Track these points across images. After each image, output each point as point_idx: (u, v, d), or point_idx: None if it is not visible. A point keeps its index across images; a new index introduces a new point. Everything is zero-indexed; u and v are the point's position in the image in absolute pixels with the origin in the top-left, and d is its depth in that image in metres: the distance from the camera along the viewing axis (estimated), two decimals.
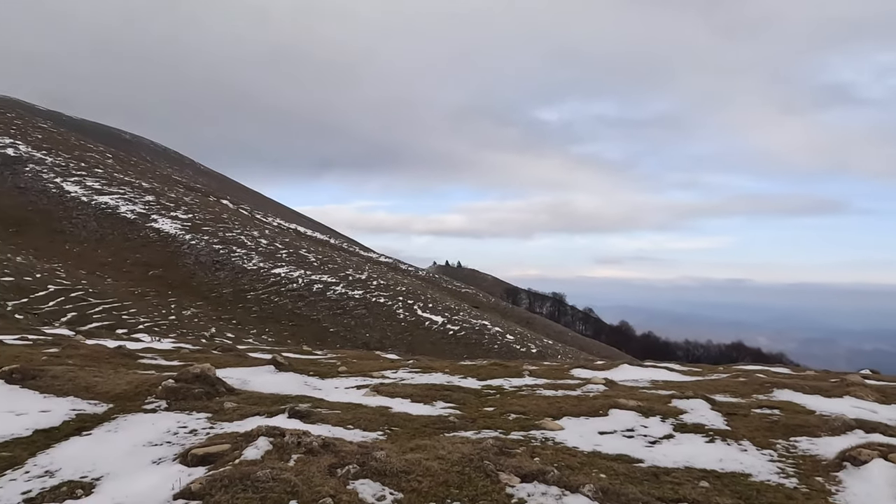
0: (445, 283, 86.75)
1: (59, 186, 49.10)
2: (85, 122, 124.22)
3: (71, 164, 54.59)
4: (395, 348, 37.60)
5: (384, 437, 4.91)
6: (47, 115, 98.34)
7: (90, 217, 46.58)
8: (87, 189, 50.33)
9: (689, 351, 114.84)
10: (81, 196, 48.88)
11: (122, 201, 50.47)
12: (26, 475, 3.78)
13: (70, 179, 51.00)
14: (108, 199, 49.88)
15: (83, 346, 8.62)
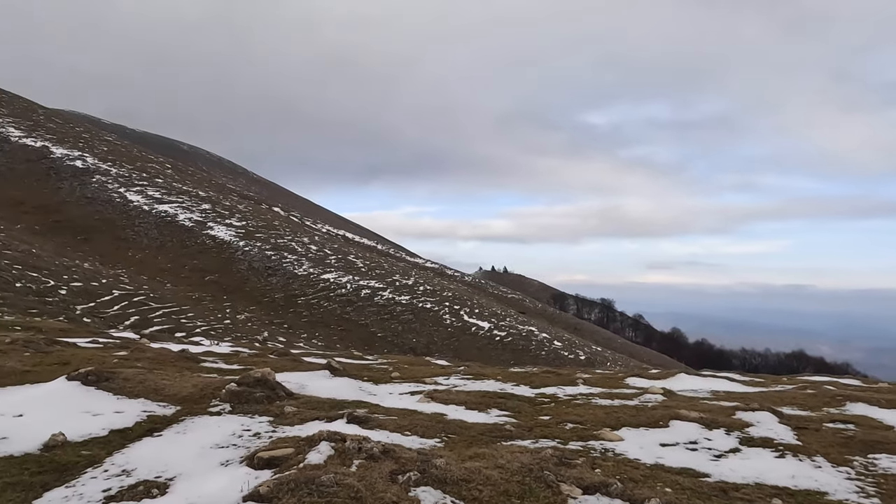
0: (492, 289, 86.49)
1: (122, 196, 51.56)
2: (146, 135, 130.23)
3: (133, 174, 57.24)
4: (441, 353, 37.69)
5: (441, 445, 4.91)
6: (112, 129, 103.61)
7: (151, 225, 48.69)
8: (148, 198, 52.65)
9: (745, 360, 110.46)
10: (143, 205, 51.17)
11: (181, 210, 52.54)
12: (105, 473, 3.96)
13: (133, 189, 53.47)
14: (167, 207, 52.03)
15: (149, 350, 9.00)
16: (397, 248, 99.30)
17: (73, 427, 4.70)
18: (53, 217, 45.91)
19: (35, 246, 36.15)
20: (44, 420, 4.84)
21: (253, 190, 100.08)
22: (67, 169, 53.19)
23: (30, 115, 64.20)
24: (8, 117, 59.72)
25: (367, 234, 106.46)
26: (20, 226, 41.85)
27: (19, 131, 57.08)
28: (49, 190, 49.46)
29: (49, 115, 68.31)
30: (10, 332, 9.55)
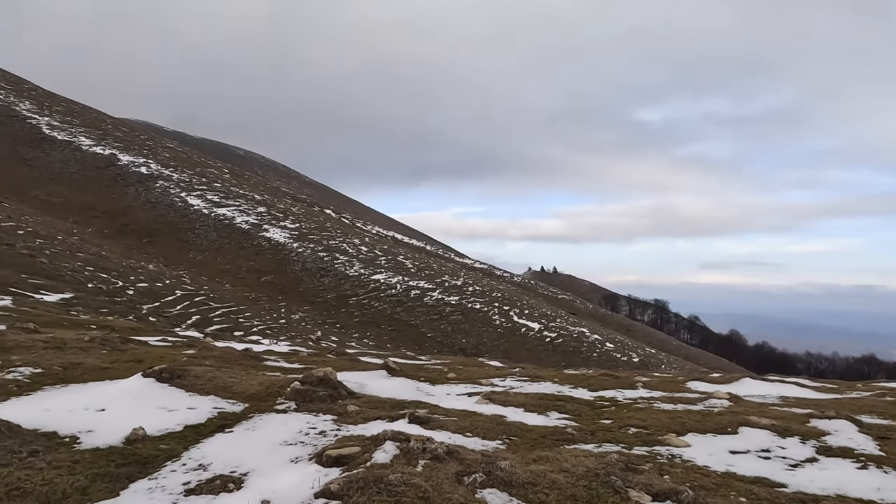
0: (541, 289, 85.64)
1: (183, 200, 53.78)
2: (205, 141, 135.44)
3: (194, 179, 59.62)
4: (491, 354, 37.59)
5: (504, 447, 4.90)
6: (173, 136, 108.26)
7: (210, 228, 50.59)
8: (207, 202, 54.73)
9: (810, 364, 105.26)
10: (203, 209, 53.22)
11: (238, 213, 54.37)
12: (184, 467, 4.14)
13: (193, 194, 55.70)
14: (225, 211, 53.95)
15: (215, 349, 9.35)
16: (446, 249, 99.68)
17: (151, 422, 4.93)
18: (121, 221, 48.33)
19: (105, 248, 38.14)
20: (124, 415, 5.10)
21: (306, 193, 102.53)
22: (133, 175, 55.89)
23: (99, 124, 67.81)
24: (80, 127, 63.25)
25: (416, 235, 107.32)
26: (91, 229, 44.24)
27: (90, 140, 60.36)
28: (117, 195, 52.11)
29: (116, 124, 71.97)
30: (88, 330, 10.11)
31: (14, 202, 42.17)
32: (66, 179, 52.30)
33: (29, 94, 68.92)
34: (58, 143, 57.38)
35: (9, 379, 6.05)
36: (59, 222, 41.50)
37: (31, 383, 6.05)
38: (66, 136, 59.34)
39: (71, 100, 74.81)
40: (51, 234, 34.21)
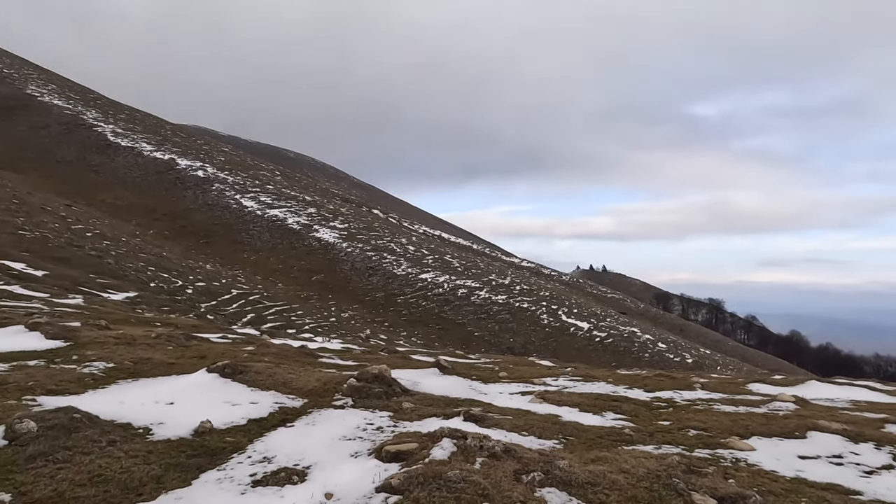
0: (590, 288, 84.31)
1: (238, 202, 55.57)
2: (258, 144, 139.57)
3: (247, 182, 61.52)
4: (539, 354, 37.26)
5: (560, 447, 4.86)
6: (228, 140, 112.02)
7: (263, 229, 52.10)
8: (260, 204, 56.37)
9: (879, 367, 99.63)
10: (256, 210, 54.86)
11: (289, 214, 55.78)
12: (249, 459, 4.29)
13: (247, 196, 57.48)
14: (277, 212, 55.44)
15: (272, 346, 9.64)
16: (493, 248, 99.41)
17: (217, 415, 5.13)
18: (180, 223, 50.36)
19: (165, 249, 39.83)
20: (191, 408, 5.32)
21: (354, 193, 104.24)
22: (191, 178, 58.14)
23: (159, 130, 70.84)
24: (141, 133, 66.25)
25: (463, 234, 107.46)
26: (152, 231, 46.28)
27: (150, 146, 63.14)
28: (176, 198, 54.33)
29: (175, 130, 75.03)
30: (153, 327, 10.60)
31: (82, 206, 44.56)
32: (129, 184, 54.89)
33: (95, 103, 72.67)
34: (121, 150, 60.27)
35: (86, 373, 6.41)
36: (123, 224, 43.60)
37: (105, 377, 6.39)
38: (129, 143, 62.25)
39: (133, 108, 78.46)
40: (116, 236, 35.98)
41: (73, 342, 7.91)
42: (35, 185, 44.95)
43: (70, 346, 7.70)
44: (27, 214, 30.67)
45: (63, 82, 77.45)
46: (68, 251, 26.53)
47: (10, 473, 3.72)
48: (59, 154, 56.50)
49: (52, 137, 58.90)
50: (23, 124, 59.70)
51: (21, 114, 61.53)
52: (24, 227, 27.00)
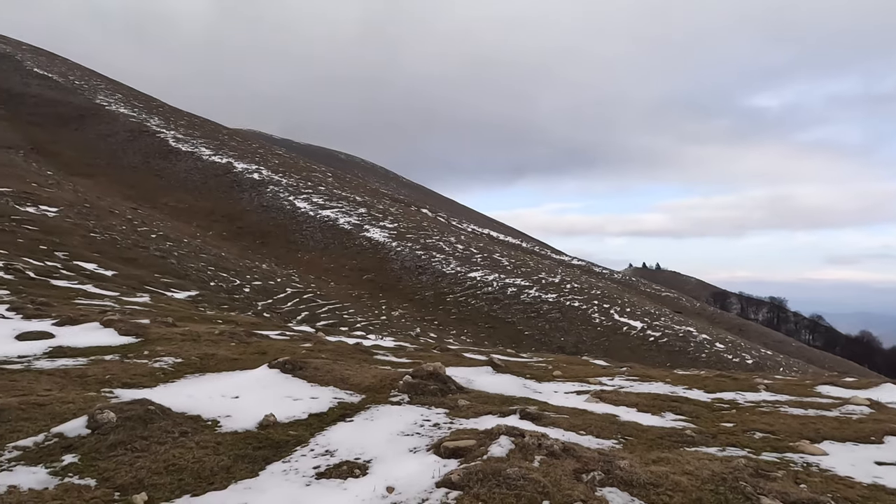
0: (643, 287, 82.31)
1: (291, 203, 57.07)
2: (309, 147, 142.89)
3: (300, 183, 63.08)
4: (591, 353, 36.68)
5: (620, 447, 4.79)
6: (281, 143, 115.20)
7: (316, 229, 53.33)
8: (312, 205, 57.71)
9: None
10: (309, 211, 56.20)
11: (341, 214, 56.88)
12: (312, 452, 4.42)
13: (300, 197, 58.95)
14: (329, 212, 56.63)
15: (329, 343, 9.87)
16: (542, 246, 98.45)
17: (280, 409, 5.30)
18: (237, 224, 52.14)
19: (223, 250, 41.32)
20: (255, 402, 5.52)
21: (403, 193, 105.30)
22: (247, 181, 60.09)
23: (216, 135, 73.53)
24: (200, 139, 68.93)
25: (512, 233, 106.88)
26: (211, 232, 48.09)
27: (209, 150, 65.61)
28: (233, 200, 56.27)
29: (231, 135, 77.70)
30: (216, 324, 11.03)
31: (147, 209, 46.76)
32: (189, 187, 57.22)
33: (157, 110, 76.09)
34: (182, 155, 62.88)
35: (156, 367, 6.75)
36: (184, 226, 45.50)
37: (174, 372, 6.70)
38: (189, 148, 64.89)
39: (192, 114, 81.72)
40: (178, 238, 37.58)
41: (143, 338, 8.33)
42: (104, 190, 47.49)
43: (141, 342, 8.11)
44: (97, 218, 32.42)
45: (128, 91, 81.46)
46: (135, 252, 27.89)
47: (94, 460, 3.96)
48: (125, 160, 59.48)
49: (118, 144, 62.05)
50: (92, 132, 63.14)
51: (91, 122, 65.10)
52: (94, 230, 28.56)
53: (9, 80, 68.80)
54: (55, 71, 77.40)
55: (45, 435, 4.23)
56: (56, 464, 3.88)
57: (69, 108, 66.13)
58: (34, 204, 28.92)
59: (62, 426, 4.34)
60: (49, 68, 77.61)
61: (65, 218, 28.39)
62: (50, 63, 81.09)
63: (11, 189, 30.25)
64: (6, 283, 14.47)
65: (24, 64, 75.33)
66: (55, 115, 63.58)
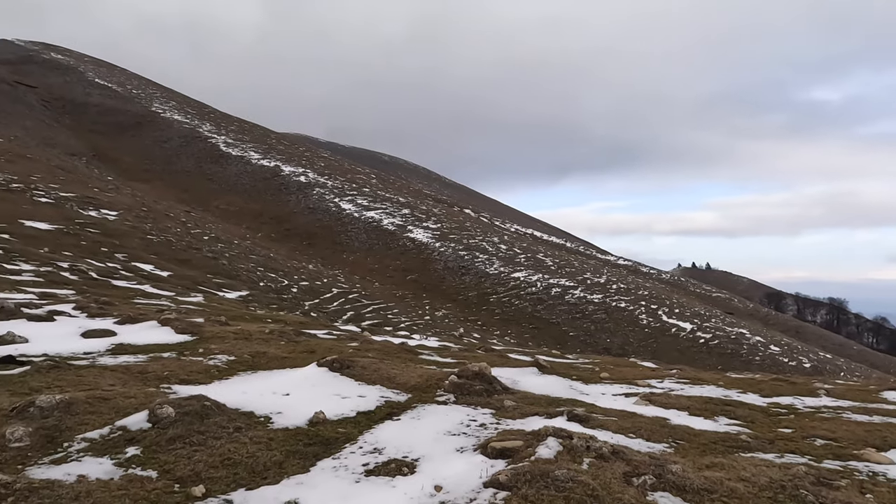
0: (693, 287, 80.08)
1: (337, 205, 58.08)
2: (354, 149, 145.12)
3: (345, 185, 64.12)
4: (638, 355, 35.92)
5: (671, 450, 4.68)
6: (327, 146, 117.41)
7: (360, 230, 54.10)
8: (357, 206, 58.57)
9: None
10: (353, 212, 57.07)
11: (384, 215, 57.52)
12: (361, 450, 4.49)
13: (345, 199, 59.92)
14: (373, 213, 57.36)
15: (375, 342, 10.00)
16: (587, 246, 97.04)
17: (329, 407, 5.40)
18: (285, 226, 53.42)
19: (272, 251, 42.39)
20: (305, 399, 5.64)
21: (445, 194, 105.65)
22: (294, 184, 61.49)
23: (265, 139, 75.53)
24: (249, 143, 70.96)
25: (556, 232, 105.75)
26: (260, 234, 49.43)
27: (258, 154, 67.46)
28: (281, 202, 57.70)
29: (279, 139, 79.68)
30: (266, 323, 11.32)
31: (200, 211, 48.43)
32: (239, 190, 58.98)
33: (209, 116, 78.75)
34: (232, 159, 64.88)
35: (211, 364, 6.99)
36: (234, 228, 46.91)
37: (227, 369, 6.92)
38: (239, 152, 66.88)
39: (242, 119, 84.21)
40: (229, 239, 38.78)
41: (198, 336, 8.63)
42: (160, 194, 49.45)
43: (196, 340, 8.41)
44: (154, 221, 33.80)
45: (182, 99, 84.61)
46: (189, 253, 28.93)
47: (155, 453, 4.13)
48: (179, 164, 61.80)
49: (173, 149, 64.53)
50: (148, 138, 65.87)
51: (147, 129, 67.92)
52: (151, 233, 29.78)
53: (73, 90, 72.52)
54: (114, 81, 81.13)
55: (110, 428, 4.44)
56: (120, 455, 4.07)
57: (127, 116, 69.19)
58: (96, 208, 30.38)
59: (125, 420, 4.55)
60: (109, 78, 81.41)
61: (124, 221, 29.71)
62: (109, 73, 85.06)
63: (75, 194, 31.86)
64: (71, 283, 15.26)
65: (87, 75, 79.27)
66: (114, 123, 66.64)
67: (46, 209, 26.63)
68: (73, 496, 3.43)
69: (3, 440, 4.09)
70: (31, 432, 4.22)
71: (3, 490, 3.31)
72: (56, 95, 69.00)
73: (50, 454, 4.04)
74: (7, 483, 3.37)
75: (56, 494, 3.41)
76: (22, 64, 76.18)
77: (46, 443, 4.18)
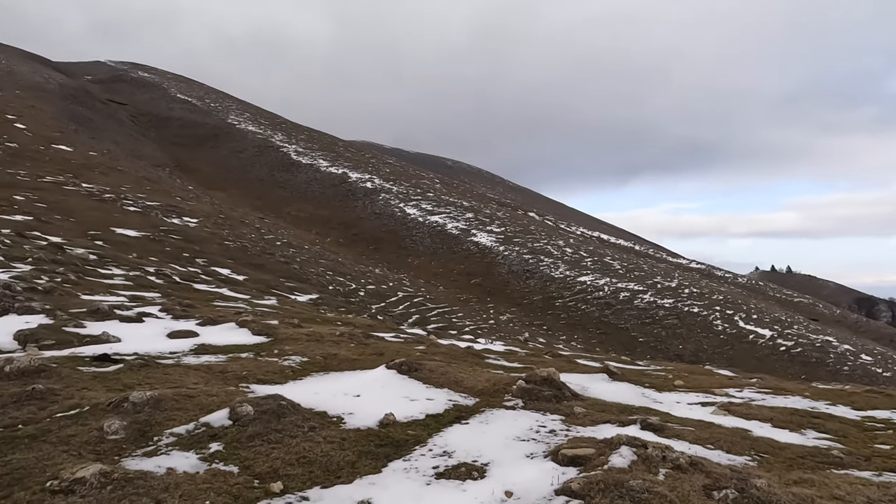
0: (772, 292, 75.86)
1: (402, 210, 58.98)
2: (418, 155, 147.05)
3: (410, 191, 65.04)
4: (713, 362, 34.40)
5: (754, 464, 4.44)
6: (392, 153, 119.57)
7: (425, 234, 54.68)
8: (421, 211, 59.26)
9: None
10: (418, 217, 57.78)
11: (448, 219, 57.89)
12: (430, 452, 4.53)
13: (409, 204, 60.77)
14: (437, 218, 57.84)
15: (441, 346, 10.07)
16: (657, 249, 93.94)
17: (398, 409, 5.48)
18: (352, 231, 54.77)
19: (340, 255, 43.55)
20: (375, 401, 5.74)
21: (509, 197, 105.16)
22: (360, 190, 62.97)
23: (333, 147, 77.83)
24: (318, 151, 73.30)
25: (623, 235, 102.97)
26: (329, 239, 50.89)
27: (326, 162, 69.58)
28: (348, 208, 59.21)
29: (346, 146, 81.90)
30: (336, 326, 11.63)
31: (272, 218, 50.43)
32: (309, 197, 60.99)
33: (280, 126, 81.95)
34: (302, 167, 67.20)
35: (286, 365, 7.25)
36: (305, 234, 48.54)
37: (301, 370, 7.15)
38: (309, 160, 69.20)
39: (311, 128, 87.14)
40: (299, 244, 40.16)
41: (273, 338, 8.97)
42: (236, 202, 51.90)
43: (271, 342, 8.75)
44: (230, 227, 35.50)
45: (255, 110, 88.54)
46: (263, 258, 30.18)
47: (236, 449, 4.33)
48: (253, 173, 64.63)
49: (247, 159, 67.57)
50: (225, 149, 69.29)
51: (224, 140, 71.47)
52: (228, 239, 31.28)
53: (157, 105, 77.38)
54: (194, 95, 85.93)
55: (195, 424, 4.69)
56: (204, 450, 4.29)
57: (206, 129, 73.08)
58: (178, 216, 32.24)
59: (208, 416, 4.79)
60: (189, 93, 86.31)
61: (203, 228, 31.37)
62: (189, 88, 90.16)
63: (160, 203, 33.95)
64: (157, 286, 16.25)
65: (170, 91, 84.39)
66: (194, 135, 70.55)
67: (135, 217, 28.52)
68: (163, 487, 3.64)
69: (102, 432, 4.40)
70: (125, 426, 4.52)
71: (103, 479, 3.56)
72: (143, 111, 73.83)
73: (142, 447, 4.31)
74: (106, 472, 3.62)
75: (148, 485, 3.63)
76: (113, 83, 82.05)
77: (139, 436, 4.46)
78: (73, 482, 3.50)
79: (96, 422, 4.53)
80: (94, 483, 3.51)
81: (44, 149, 39.27)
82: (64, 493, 3.45)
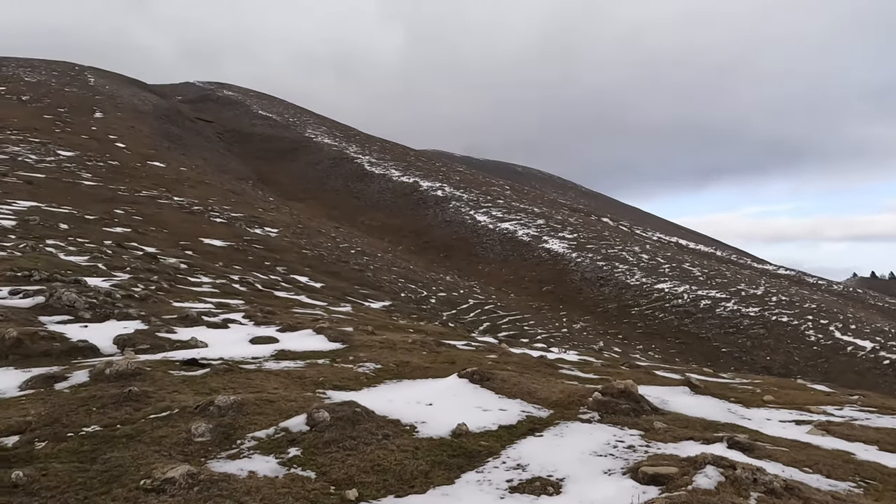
0: (873, 300, 69.99)
1: (472, 217, 59.12)
2: (487, 162, 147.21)
3: (480, 198, 65.13)
4: (805, 375, 32.15)
5: (859, 491, 4.07)
6: (462, 161, 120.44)
7: (495, 241, 54.52)
8: (492, 218, 59.16)
9: None
10: (488, 224, 57.71)
11: (519, 226, 57.45)
12: (504, 465, 4.45)
13: (480, 211, 60.83)
14: (508, 225, 57.55)
15: (513, 355, 9.95)
16: (740, 254, 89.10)
17: (471, 419, 5.44)
18: (423, 239, 55.45)
19: (412, 263, 44.17)
20: (447, 410, 5.73)
21: (581, 203, 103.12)
22: (431, 198, 63.71)
23: (404, 157, 79.31)
24: (390, 161, 74.91)
25: (703, 240, 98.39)
26: (401, 247, 51.75)
27: (398, 171, 70.97)
28: (419, 216, 60.04)
29: (417, 156, 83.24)
30: (408, 334, 11.76)
31: (347, 227, 51.92)
32: (382, 206, 62.36)
33: (354, 138, 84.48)
34: (375, 177, 68.87)
35: (360, 372, 7.38)
36: (377, 242, 49.63)
37: (375, 377, 7.26)
38: (381, 171, 70.83)
39: (384, 139, 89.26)
40: (373, 252, 41.08)
41: (348, 345, 9.18)
42: (313, 212, 53.86)
43: (346, 348, 8.95)
44: (308, 236, 36.84)
45: (331, 124, 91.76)
46: (338, 266, 31.09)
47: (313, 455, 4.43)
48: (329, 184, 66.88)
49: (323, 170, 70.04)
50: (302, 161, 72.15)
51: (301, 153, 74.46)
52: (306, 248, 32.47)
53: (240, 122, 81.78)
54: (274, 111, 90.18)
55: (275, 428, 4.84)
56: (283, 455, 4.42)
57: (285, 143, 76.44)
58: (260, 226, 33.82)
59: (287, 422, 4.94)
60: (269, 109, 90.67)
61: (283, 237, 32.74)
62: (270, 105, 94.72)
63: (244, 214, 35.75)
64: (241, 294, 17.07)
65: (251, 108, 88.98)
66: (274, 149, 73.93)
67: (221, 228, 30.17)
68: (245, 490, 3.77)
69: (190, 434, 4.63)
70: (211, 429, 4.74)
71: (190, 479, 3.74)
72: (228, 128, 78.22)
73: (226, 449, 4.50)
74: (193, 474, 3.80)
75: (232, 488, 3.78)
76: (200, 102, 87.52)
77: (223, 439, 4.66)
78: (163, 482, 3.70)
79: (185, 424, 4.77)
80: (183, 483, 3.69)
81: (140, 165, 42.39)
82: (156, 491, 3.64)
